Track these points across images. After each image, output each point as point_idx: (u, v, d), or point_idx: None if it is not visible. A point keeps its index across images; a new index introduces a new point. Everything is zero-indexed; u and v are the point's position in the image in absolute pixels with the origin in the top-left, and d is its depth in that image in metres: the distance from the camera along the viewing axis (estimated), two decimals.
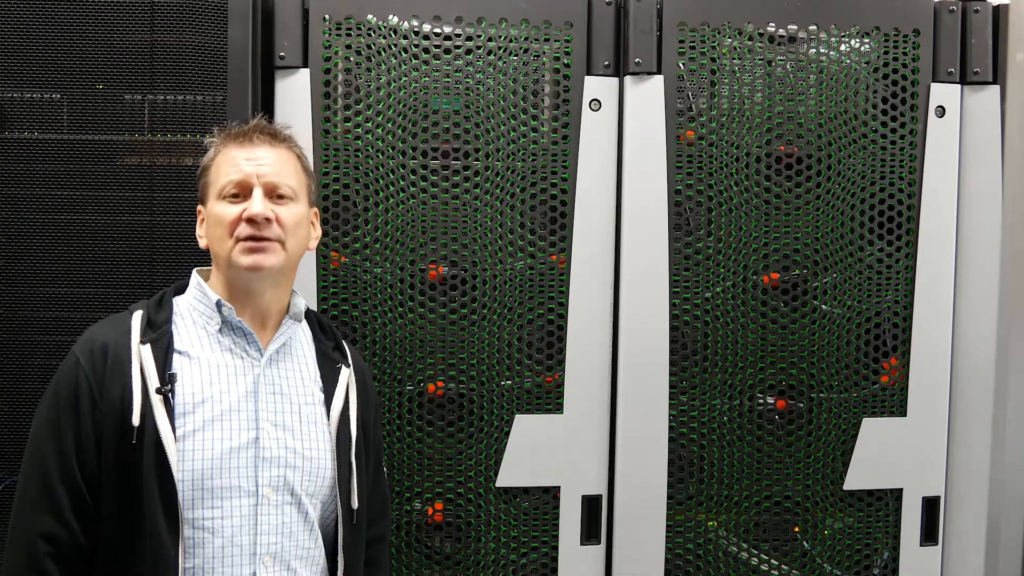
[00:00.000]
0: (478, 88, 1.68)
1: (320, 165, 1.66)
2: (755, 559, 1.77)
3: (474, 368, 1.70)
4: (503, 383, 1.71)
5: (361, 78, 1.67)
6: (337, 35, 1.66)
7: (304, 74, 1.66)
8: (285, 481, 1.32)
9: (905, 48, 1.76)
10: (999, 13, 1.78)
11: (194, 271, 1.41)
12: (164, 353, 1.30)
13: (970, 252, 1.78)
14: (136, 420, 1.25)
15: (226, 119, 1.58)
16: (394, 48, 1.67)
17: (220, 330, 1.35)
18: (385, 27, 1.67)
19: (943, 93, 1.76)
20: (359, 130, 1.67)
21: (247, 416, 1.32)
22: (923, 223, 1.76)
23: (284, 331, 1.39)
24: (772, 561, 1.78)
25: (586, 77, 1.70)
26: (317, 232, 1.46)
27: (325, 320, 1.49)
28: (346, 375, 1.44)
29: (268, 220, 1.33)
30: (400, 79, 1.67)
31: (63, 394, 1.29)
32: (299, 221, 1.38)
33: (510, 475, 1.71)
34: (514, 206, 1.70)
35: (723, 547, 1.77)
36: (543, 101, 1.71)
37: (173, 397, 1.27)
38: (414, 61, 1.67)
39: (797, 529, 1.78)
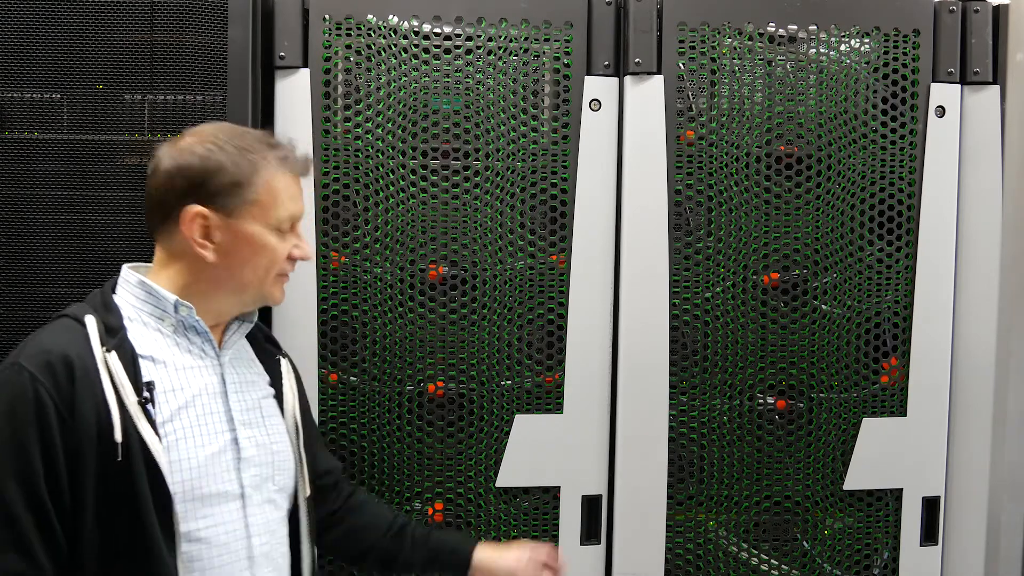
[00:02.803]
0: (478, 88, 1.68)
1: (320, 165, 1.66)
2: (755, 559, 1.77)
3: (474, 368, 1.70)
4: (503, 383, 1.71)
5: (361, 78, 1.67)
6: (337, 35, 1.66)
7: (304, 74, 1.66)
8: (262, 479, 1.30)
9: (905, 48, 1.76)
10: (999, 13, 1.78)
11: (126, 267, 1.30)
12: (132, 359, 1.20)
13: (970, 252, 1.78)
14: (119, 436, 1.15)
15: (226, 119, 1.58)
16: (394, 48, 1.67)
17: (174, 331, 1.27)
18: (385, 27, 1.67)
19: (943, 93, 1.76)
20: (359, 130, 1.67)
21: (221, 418, 1.27)
22: (923, 223, 1.76)
23: (237, 329, 1.35)
24: (772, 561, 1.78)
25: (586, 77, 1.70)
26: None
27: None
28: (286, 365, 1.43)
29: None
30: (400, 79, 1.67)
31: (19, 412, 1.14)
32: None
33: (510, 475, 1.71)
34: (514, 206, 1.70)
35: (723, 547, 1.77)
36: (543, 101, 1.71)
37: (153, 407, 1.20)
38: (414, 61, 1.67)
39: (796, 530, 1.78)
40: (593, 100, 1.70)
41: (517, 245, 1.70)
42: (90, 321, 1.21)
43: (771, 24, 1.73)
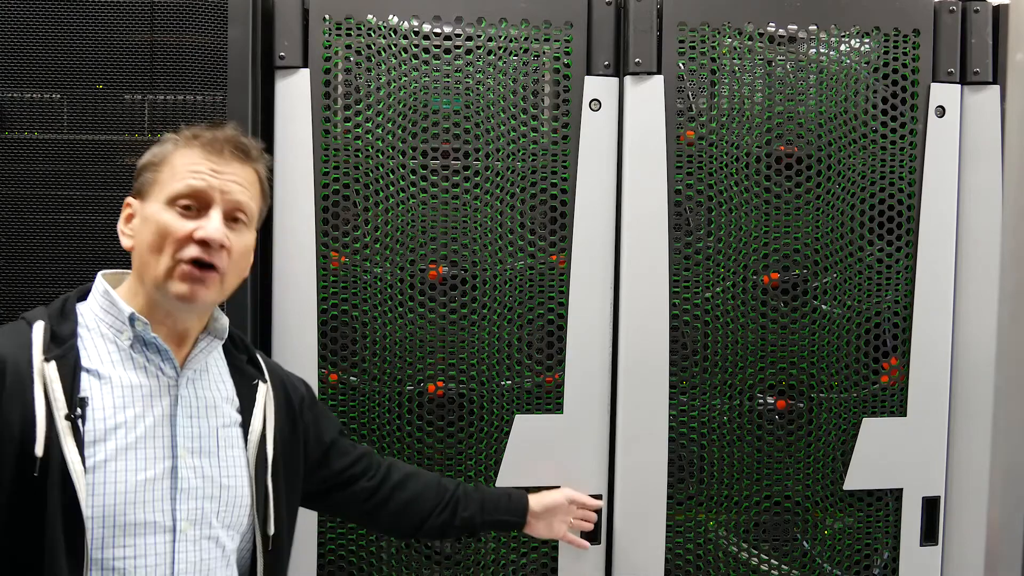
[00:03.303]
0: (478, 88, 1.68)
1: (320, 165, 1.66)
2: (755, 559, 1.77)
3: (474, 368, 1.70)
4: (503, 383, 1.71)
5: (361, 78, 1.67)
6: (337, 35, 1.66)
7: (304, 74, 1.66)
8: (203, 514, 1.20)
9: (905, 48, 1.76)
10: (999, 13, 1.78)
11: (99, 275, 1.25)
12: (72, 372, 1.13)
13: (970, 252, 1.78)
14: (39, 450, 1.08)
15: (226, 119, 1.58)
16: (394, 48, 1.67)
17: (132, 346, 1.20)
18: (385, 27, 1.67)
19: (943, 93, 1.76)
20: (359, 130, 1.67)
21: (163, 443, 1.18)
22: (923, 223, 1.76)
23: (203, 348, 1.26)
24: (772, 561, 1.78)
25: (586, 77, 1.70)
26: (252, 259, 1.31)
27: (236, 332, 1.35)
28: (263, 392, 1.31)
29: (223, 247, 1.19)
30: (400, 79, 1.67)
31: None
32: (246, 251, 1.25)
33: (510, 475, 1.71)
34: (514, 206, 1.70)
35: (723, 547, 1.77)
36: (543, 101, 1.71)
37: (83, 423, 1.11)
38: (414, 61, 1.67)
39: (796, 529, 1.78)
40: (593, 100, 1.70)
41: (517, 245, 1.70)
42: (37, 327, 1.16)
43: (771, 24, 1.73)
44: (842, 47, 1.75)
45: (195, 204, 1.20)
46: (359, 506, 1.50)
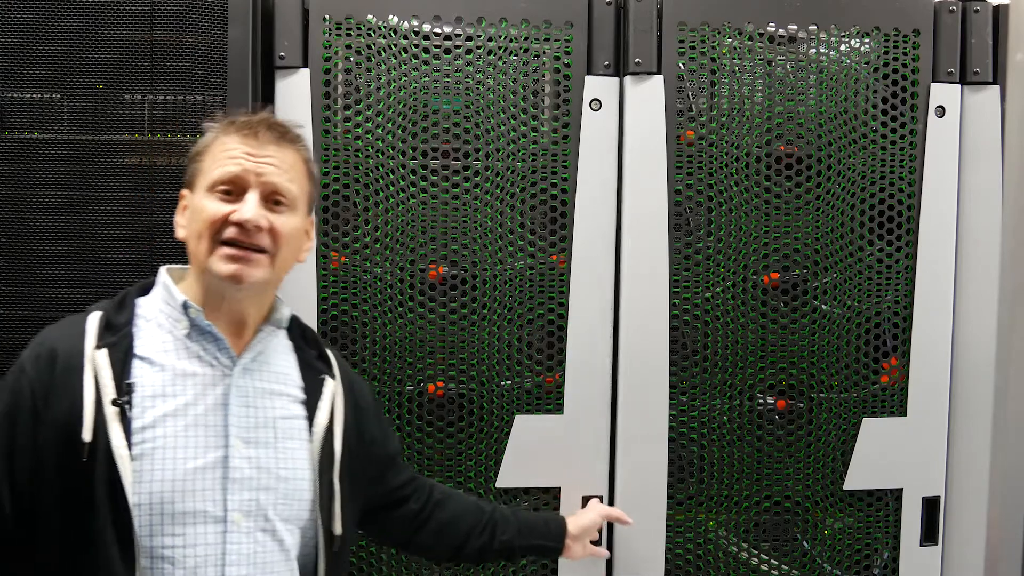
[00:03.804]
0: (478, 88, 1.68)
1: (320, 165, 1.66)
2: (755, 559, 1.77)
3: (474, 368, 1.70)
4: (503, 383, 1.71)
5: (361, 78, 1.67)
6: (337, 35, 1.66)
7: (304, 74, 1.66)
8: (258, 505, 1.18)
9: (905, 48, 1.76)
10: (999, 13, 1.78)
11: (162, 269, 1.28)
12: (123, 359, 1.15)
13: (970, 252, 1.78)
14: (87, 436, 1.10)
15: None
16: (394, 48, 1.67)
17: (188, 335, 1.21)
18: (385, 27, 1.67)
19: (943, 93, 1.76)
20: (359, 130, 1.67)
21: (215, 432, 1.18)
22: (923, 223, 1.76)
23: (261, 339, 1.26)
24: (772, 561, 1.78)
25: (586, 77, 1.70)
26: (310, 243, 1.34)
27: (308, 328, 1.37)
28: (331, 387, 1.31)
29: (259, 228, 1.19)
30: (400, 79, 1.67)
31: (3, 402, 1.14)
32: (294, 232, 1.25)
33: (510, 475, 1.71)
34: (514, 206, 1.70)
35: (723, 547, 1.77)
36: (543, 101, 1.71)
37: (130, 410, 1.13)
38: (414, 61, 1.67)
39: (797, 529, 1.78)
40: (593, 100, 1.70)
41: (517, 245, 1.70)
42: (92, 317, 1.19)
43: (771, 24, 1.73)
44: (842, 47, 1.75)
45: (234, 189, 1.21)
46: (401, 528, 1.47)
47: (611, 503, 1.74)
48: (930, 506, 1.80)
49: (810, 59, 1.74)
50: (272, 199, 1.23)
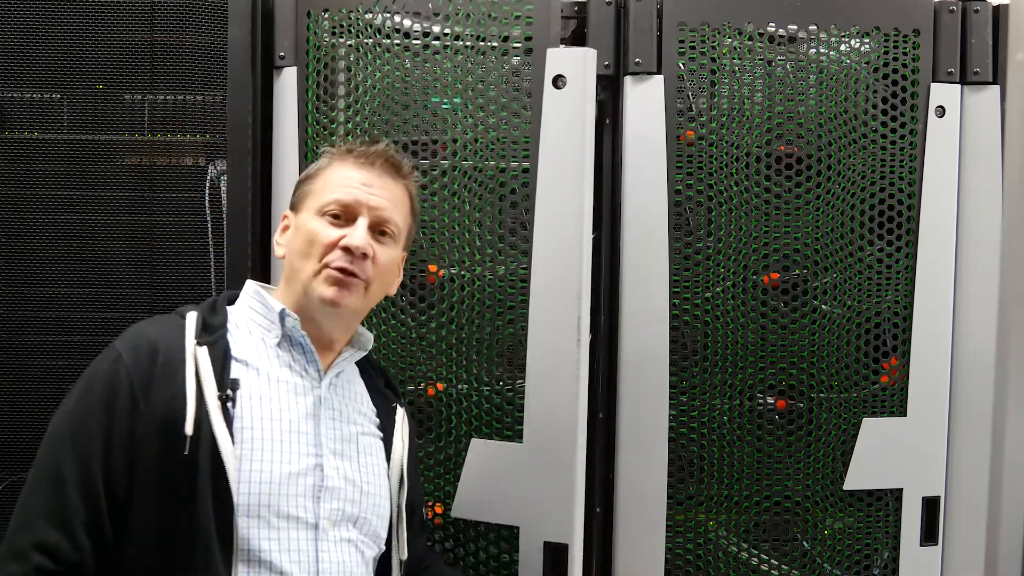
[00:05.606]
0: (478, 86, 1.68)
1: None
2: (755, 559, 1.77)
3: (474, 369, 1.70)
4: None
5: (360, 77, 1.67)
6: (337, 35, 1.66)
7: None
8: (344, 515, 1.20)
9: (905, 48, 1.76)
10: (999, 13, 1.78)
11: (249, 281, 1.32)
12: (222, 357, 1.16)
13: (970, 252, 1.78)
14: (189, 429, 1.10)
15: (226, 119, 1.58)
16: (392, 46, 1.67)
17: (279, 343, 1.24)
18: (384, 26, 1.67)
19: (943, 93, 1.76)
20: (358, 130, 1.67)
21: (307, 440, 1.19)
22: (923, 223, 1.76)
23: (347, 357, 1.31)
24: (772, 561, 1.78)
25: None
26: (400, 277, 1.37)
27: (373, 358, 1.41)
28: (401, 415, 1.36)
29: (366, 256, 1.23)
30: (399, 77, 1.67)
31: (96, 390, 1.13)
32: (391, 264, 1.29)
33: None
34: (515, 204, 1.70)
35: (723, 547, 1.77)
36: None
37: (233, 407, 1.14)
38: (416, 59, 1.67)
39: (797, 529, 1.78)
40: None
41: (518, 247, 1.70)
42: (191, 317, 1.20)
43: (771, 24, 1.73)
44: (842, 47, 1.75)
45: (343, 214, 1.25)
46: None
47: (611, 503, 1.74)
48: (930, 506, 1.79)
49: (810, 59, 1.74)
50: (379, 229, 1.27)
